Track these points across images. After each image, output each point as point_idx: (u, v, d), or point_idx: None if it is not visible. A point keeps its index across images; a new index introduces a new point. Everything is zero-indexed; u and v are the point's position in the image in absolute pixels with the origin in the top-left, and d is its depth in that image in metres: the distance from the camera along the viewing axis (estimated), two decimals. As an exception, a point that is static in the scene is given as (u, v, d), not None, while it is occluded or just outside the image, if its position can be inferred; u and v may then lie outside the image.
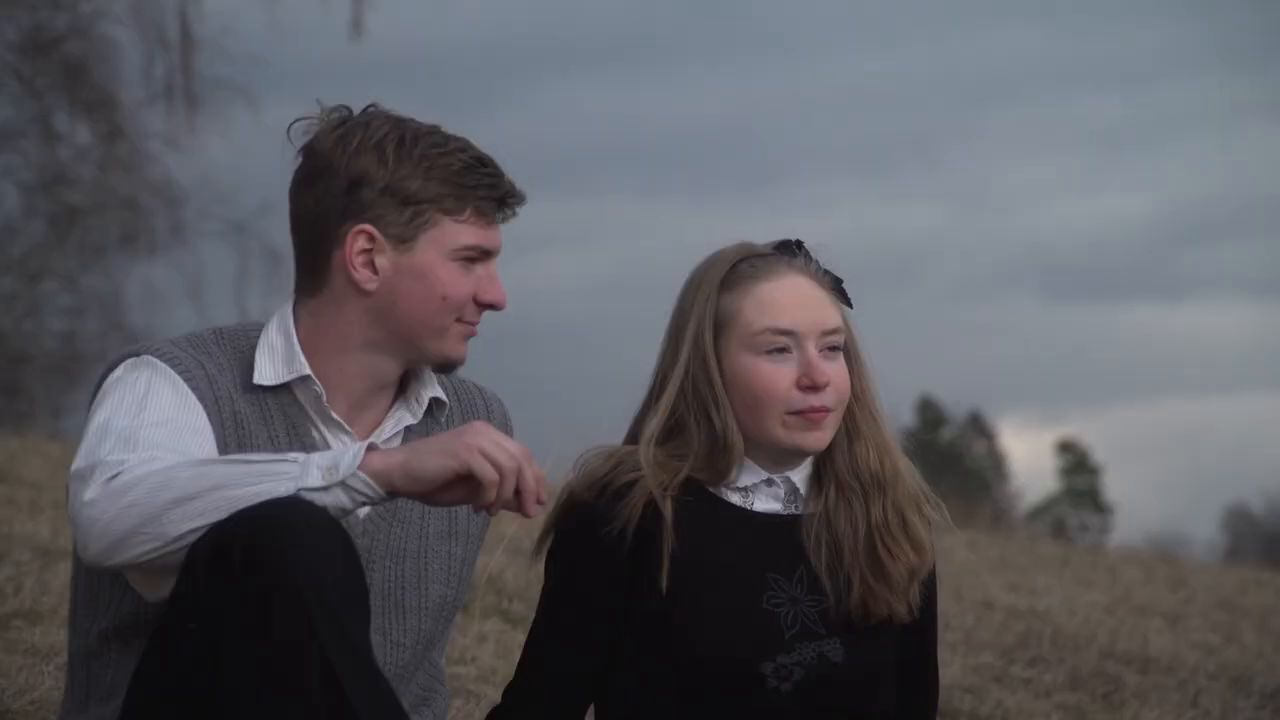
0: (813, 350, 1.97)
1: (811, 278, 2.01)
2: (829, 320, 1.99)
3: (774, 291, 1.99)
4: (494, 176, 1.94)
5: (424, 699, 2.02)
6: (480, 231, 1.93)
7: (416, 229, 1.91)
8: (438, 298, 1.92)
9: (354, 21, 12.81)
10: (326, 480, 1.73)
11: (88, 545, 1.72)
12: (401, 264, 1.91)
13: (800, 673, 1.94)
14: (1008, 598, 4.96)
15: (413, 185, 1.90)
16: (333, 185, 1.91)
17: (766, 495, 2.00)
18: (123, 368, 1.88)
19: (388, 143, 1.90)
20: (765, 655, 1.94)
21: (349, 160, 1.91)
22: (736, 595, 1.95)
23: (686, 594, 1.94)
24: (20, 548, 3.94)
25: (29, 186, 13.19)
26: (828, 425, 1.97)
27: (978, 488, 26.02)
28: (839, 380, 1.98)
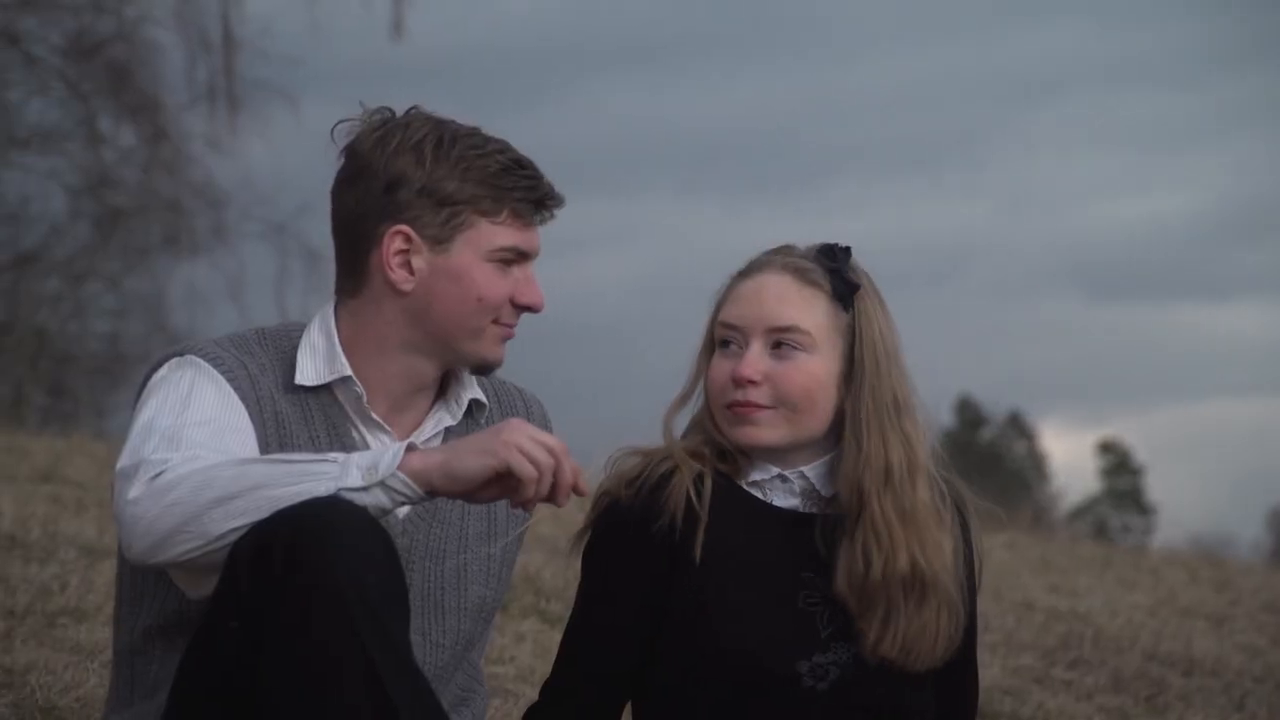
0: (755, 346, 1.96)
1: (793, 276, 1.98)
2: (780, 318, 1.96)
3: (741, 288, 1.99)
4: (532, 178, 1.94)
5: (463, 699, 2.03)
6: (517, 233, 1.93)
7: (453, 230, 1.91)
8: (473, 299, 1.92)
9: (394, 22, 12.88)
10: (366, 480, 1.74)
11: (131, 543, 1.74)
12: (438, 265, 1.92)
13: (836, 672, 1.93)
14: (1049, 599, 4.93)
15: (449, 186, 1.90)
16: (372, 186, 1.92)
17: (783, 491, 1.99)
18: (166, 367, 1.89)
19: (426, 144, 1.91)
20: (801, 654, 1.93)
21: (388, 161, 1.92)
22: (773, 593, 1.95)
23: (722, 589, 1.94)
24: (66, 546, 3.99)
25: (74, 189, 13.34)
26: (763, 421, 1.95)
27: (1018, 488, 25.85)
28: (779, 378, 1.94)
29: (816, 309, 1.97)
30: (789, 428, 1.96)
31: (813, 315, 1.97)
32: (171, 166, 13.30)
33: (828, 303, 1.98)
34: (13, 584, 3.50)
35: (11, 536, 4.05)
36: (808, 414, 1.96)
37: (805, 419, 1.96)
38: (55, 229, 13.35)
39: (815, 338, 1.96)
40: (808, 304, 1.97)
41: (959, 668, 2.02)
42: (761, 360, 1.95)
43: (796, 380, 1.95)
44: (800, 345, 1.96)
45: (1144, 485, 32.65)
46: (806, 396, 1.96)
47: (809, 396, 1.96)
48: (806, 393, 1.95)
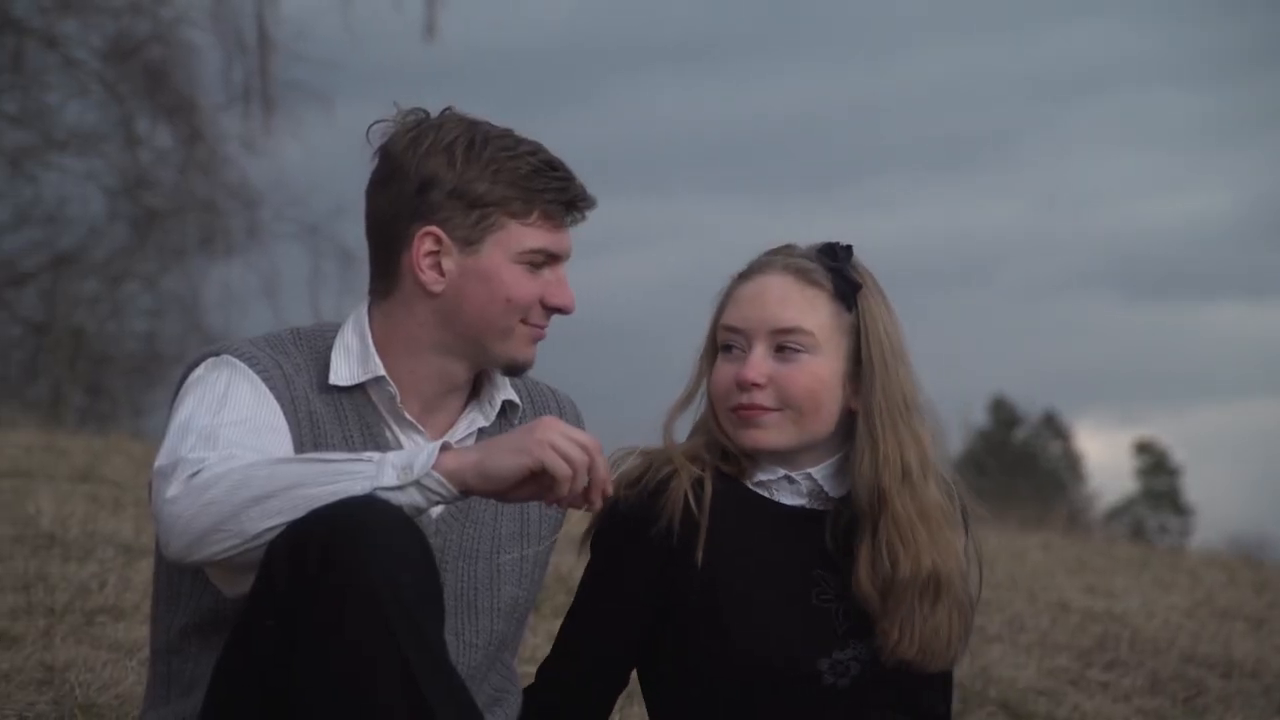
0: (758, 349, 1.95)
1: (795, 276, 1.97)
2: (782, 320, 1.95)
3: (742, 290, 1.99)
4: (563, 180, 1.94)
5: (496, 699, 2.03)
6: (547, 235, 1.93)
7: (483, 231, 1.92)
8: (502, 300, 1.92)
9: (427, 24, 12.93)
10: (401, 479, 1.74)
11: (169, 542, 1.75)
12: (467, 266, 1.93)
13: (856, 668, 1.93)
14: (1084, 600, 4.90)
15: (480, 188, 1.91)
16: (404, 187, 1.93)
17: (790, 492, 1.99)
18: (203, 367, 1.90)
19: (458, 145, 1.92)
20: (821, 652, 1.92)
21: (419, 162, 1.92)
22: (785, 591, 1.94)
23: (732, 590, 1.93)
24: (104, 545, 4.02)
25: (112, 190, 13.44)
26: (769, 424, 1.94)
27: (1053, 489, 25.69)
28: (783, 380, 1.94)
29: (819, 309, 1.96)
30: (795, 430, 1.95)
31: (815, 316, 1.96)
32: (207, 167, 13.39)
33: (830, 302, 1.97)
34: (52, 582, 3.53)
35: (51, 535, 4.09)
36: (813, 415, 1.95)
37: (811, 421, 1.95)
38: (93, 230, 13.46)
39: (818, 338, 1.95)
40: (810, 304, 1.96)
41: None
42: (765, 363, 1.95)
43: (801, 382, 1.94)
44: (804, 346, 1.95)
45: (1181, 486, 32.39)
46: (811, 398, 1.95)
47: (814, 398, 1.95)
48: (811, 394, 1.95)
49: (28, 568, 3.66)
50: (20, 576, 3.56)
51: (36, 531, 4.12)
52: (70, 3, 12.96)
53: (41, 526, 4.17)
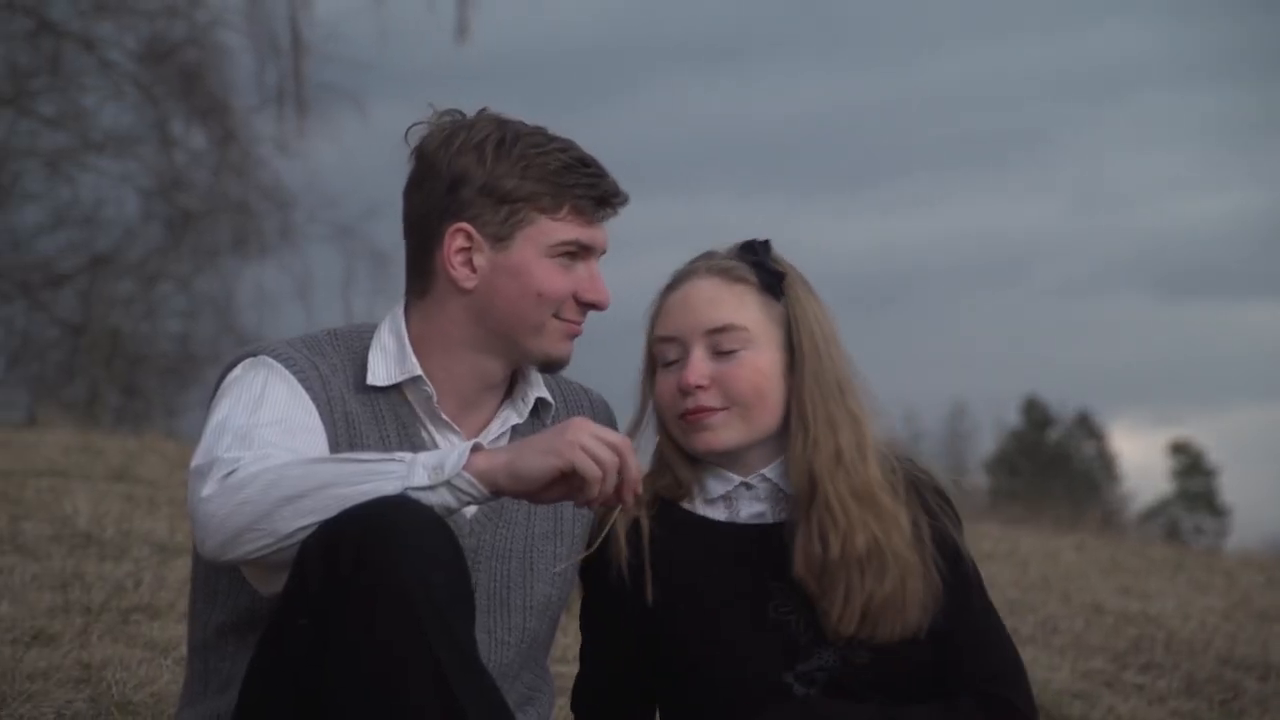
0: (696, 351, 1.96)
1: (719, 277, 1.98)
2: (715, 319, 1.96)
3: (670, 300, 2.00)
4: (594, 176, 1.94)
5: (529, 698, 2.04)
6: (578, 229, 1.94)
7: (513, 227, 1.92)
8: (533, 294, 1.93)
9: (459, 25, 12.96)
10: (432, 480, 1.75)
11: (204, 540, 1.76)
12: (498, 262, 1.93)
13: (824, 676, 1.93)
14: (1119, 601, 4.86)
15: (509, 184, 1.92)
16: (436, 186, 1.94)
17: (749, 499, 2.00)
18: (241, 367, 1.91)
19: (488, 143, 1.93)
20: (784, 666, 1.93)
21: (450, 160, 1.93)
22: (742, 611, 1.95)
23: (690, 620, 1.95)
24: (139, 544, 4.05)
25: (147, 191, 13.54)
26: (718, 425, 1.95)
27: (1086, 489, 25.53)
28: (726, 378, 1.95)
29: (749, 303, 1.98)
30: (744, 426, 1.96)
31: (746, 310, 1.97)
32: (241, 169, 13.47)
33: (758, 295, 1.98)
34: (89, 581, 3.56)
35: (87, 534, 4.12)
36: (760, 410, 1.96)
37: (758, 415, 1.96)
38: (129, 231, 13.57)
39: (753, 332, 1.97)
40: (739, 300, 1.98)
41: (961, 650, 1.96)
42: (705, 364, 1.96)
43: (743, 377, 1.96)
44: (740, 343, 1.96)
45: (1217, 487, 32.12)
46: (755, 392, 1.96)
47: (758, 392, 1.96)
48: (755, 388, 1.96)
49: (65, 566, 3.69)
50: (58, 575, 3.59)
51: (73, 531, 4.16)
52: (106, 5, 13.06)
53: (78, 526, 4.21)
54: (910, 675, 1.95)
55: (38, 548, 3.92)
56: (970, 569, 1.99)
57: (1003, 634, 2.01)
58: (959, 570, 1.98)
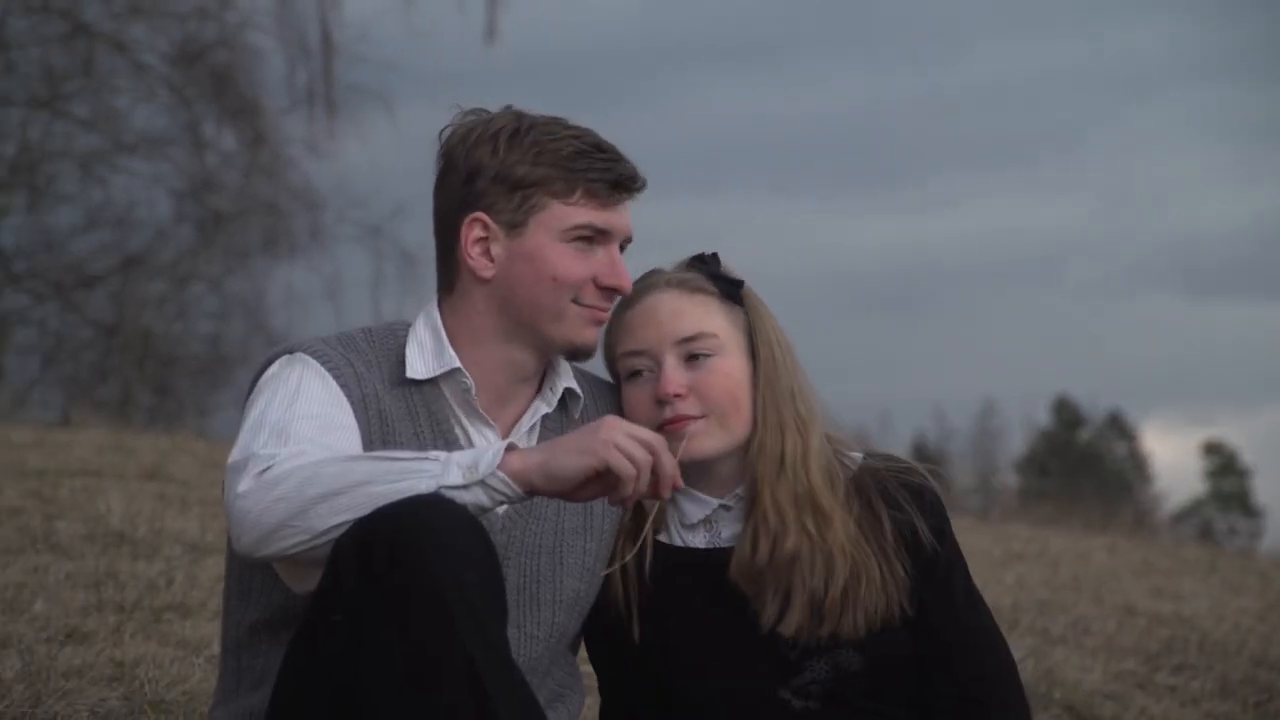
0: (669, 361, 1.98)
1: (678, 289, 2.01)
2: (684, 329, 1.98)
3: (630, 317, 2.02)
4: (608, 159, 1.94)
5: (559, 695, 2.04)
6: (591, 212, 1.94)
7: (526, 213, 1.93)
8: (548, 278, 1.93)
9: (488, 26, 12.99)
10: (466, 479, 1.75)
11: (239, 536, 1.77)
12: (514, 249, 1.94)
13: (819, 688, 1.94)
14: (1151, 603, 4.83)
15: (520, 170, 1.92)
16: (454, 180, 1.96)
17: (729, 520, 2.02)
18: (277, 364, 1.93)
19: (502, 134, 1.94)
20: (778, 681, 1.94)
21: (467, 154, 1.95)
22: (727, 635, 1.96)
23: (677, 651, 1.97)
24: (171, 543, 4.07)
25: (179, 193, 13.63)
26: (697, 432, 1.97)
27: (1118, 490, 25.36)
28: (701, 386, 1.97)
29: (713, 312, 2.01)
30: (722, 433, 1.98)
31: (712, 318, 2.00)
32: (271, 170, 13.55)
33: (720, 304, 2.01)
34: (122, 579, 3.58)
35: (120, 533, 4.15)
36: (735, 415, 1.99)
37: (734, 421, 1.99)
38: (160, 232, 13.66)
39: (722, 339, 1.99)
40: (704, 309, 2.00)
41: (944, 639, 1.96)
42: (680, 373, 1.98)
43: (718, 384, 1.98)
44: (712, 349, 1.99)
45: (1251, 487, 31.86)
46: (730, 398, 1.98)
47: (732, 397, 1.98)
48: (729, 394, 1.98)
49: (98, 565, 3.72)
50: (91, 574, 3.62)
51: (106, 530, 4.19)
52: (139, 8, 13.15)
53: (111, 525, 4.23)
54: (902, 676, 1.96)
55: (71, 547, 3.95)
56: (947, 559, 1.99)
57: (990, 629, 2.01)
58: (928, 561, 1.98)
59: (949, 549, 2.00)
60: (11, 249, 13.37)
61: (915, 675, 1.97)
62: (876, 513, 1.98)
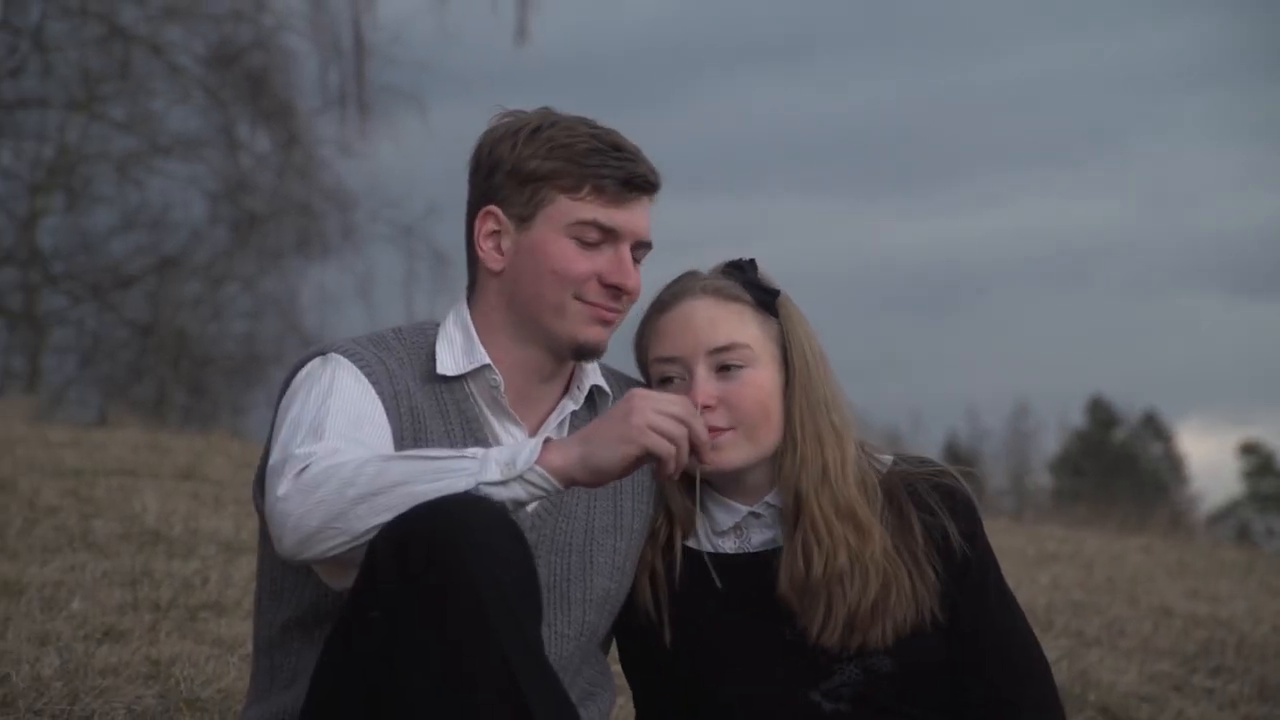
0: (701, 371, 1.97)
1: (714, 296, 1.99)
2: (718, 338, 1.97)
3: (665, 322, 2.00)
4: (621, 159, 1.93)
5: (590, 694, 2.04)
6: (597, 209, 1.93)
7: (535, 207, 1.93)
8: (549, 272, 1.93)
9: (519, 26, 13.02)
10: (505, 475, 1.76)
11: (281, 539, 1.77)
12: (521, 242, 1.94)
13: (850, 691, 1.94)
14: (1187, 604, 4.79)
15: (532, 164, 1.93)
16: (478, 176, 1.97)
17: (759, 527, 2.01)
18: (310, 365, 1.93)
19: (524, 130, 1.95)
20: (808, 684, 1.94)
21: (490, 150, 1.96)
22: (757, 639, 1.96)
23: (706, 656, 1.97)
24: (206, 543, 4.10)
25: (214, 194, 13.72)
26: (725, 444, 1.96)
27: (1153, 491, 25.17)
28: (732, 398, 1.96)
29: (748, 322, 1.99)
30: (750, 446, 1.98)
31: (746, 328, 1.99)
32: (304, 171, 13.63)
33: (755, 314, 2.00)
34: (157, 578, 3.61)
35: (156, 532, 4.18)
36: (765, 428, 1.98)
37: (764, 433, 1.98)
38: (196, 233, 13.76)
39: (755, 350, 1.98)
40: (738, 318, 1.99)
41: (973, 670, 1.96)
42: (711, 384, 1.97)
43: (749, 396, 1.97)
44: (744, 360, 1.97)
45: (1289, 488, 31.52)
46: (761, 410, 1.97)
47: (763, 410, 1.97)
48: (760, 406, 1.97)
49: (134, 564, 3.74)
50: (127, 573, 3.65)
51: (142, 529, 4.22)
52: (175, 10, 13.25)
53: (147, 524, 4.27)
54: (934, 681, 1.95)
55: (108, 545, 3.98)
56: (979, 562, 1.99)
57: (1024, 631, 2.00)
58: (960, 565, 1.97)
59: (981, 551, 1.99)
60: (50, 250, 13.50)
61: (947, 680, 1.96)
62: (907, 517, 1.97)
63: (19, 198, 13.24)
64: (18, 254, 13.21)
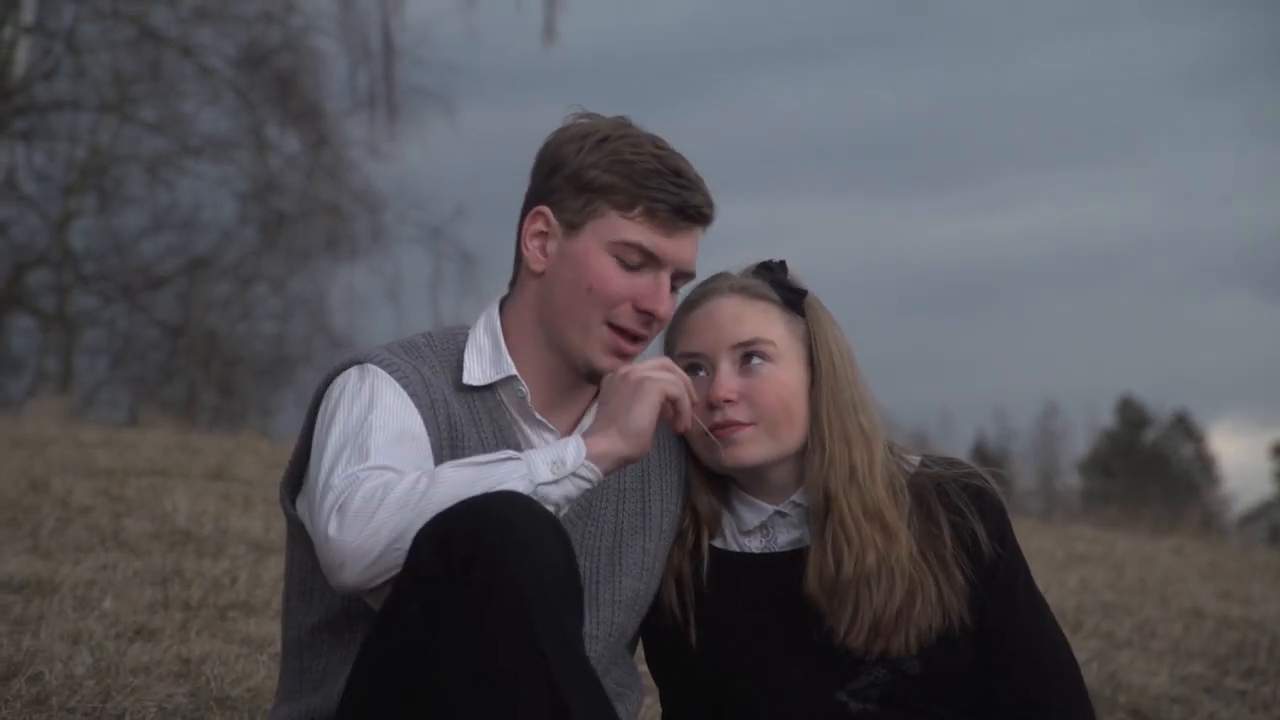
0: (724, 366, 1.97)
1: (741, 294, 2.00)
2: (742, 334, 1.97)
3: (691, 319, 2.01)
4: (679, 185, 1.92)
5: (618, 694, 2.04)
6: (645, 232, 1.92)
7: (585, 216, 1.93)
8: (584, 287, 1.92)
9: (546, 27, 13.05)
10: (556, 474, 1.78)
11: (341, 571, 1.74)
12: (565, 250, 1.94)
13: (877, 691, 1.93)
14: (1219, 606, 4.75)
15: (591, 173, 1.92)
16: (539, 173, 1.97)
17: (784, 526, 2.01)
18: (345, 378, 1.91)
19: (592, 137, 1.94)
20: (835, 685, 1.94)
21: (555, 149, 1.96)
22: (784, 638, 1.96)
23: (734, 655, 1.97)
24: (235, 542, 4.12)
25: (243, 195, 13.79)
26: (745, 440, 1.96)
27: (1185, 491, 24.99)
28: (753, 393, 1.96)
29: (773, 319, 2.00)
30: (771, 442, 1.98)
31: (772, 326, 1.99)
32: (333, 172, 13.69)
33: (782, 312, 2.01)
34: (188, 577, 3.63)
35: (186, 532, 4.21)
36: (786, 425, 1.98)
37: (785, 431, 1.98)
38: (225, 234, 13.83)
39: (780, 347, 1.99)
40: (764, 316, 1.99)
41: (1002, 672, 1.95)
42: (733, 379, 1.97)
43: (771, 392, 1.97)
44: (768, 356, 1.98)
45: (1322, 489, 31.24)
46: (783, 407, 1.97)
47: (785, 407, 1.97)
48: (782, 403, 1.97)
49: (165, 563, 3.77)
50: (158, 572, 3.67)
51: (173, 528, 4.24)
52: (206, 12, 13.33)
53: (177, 523, 4.29)
54: (962, 684, 1.94)
55: (139, 544, 4.01)
56: (1008, 563, 1.98)
57: (1053, 632, 2.00)
58: (989, 566, 1.96)
59: (1010, 553, 1.98)
60: (82, 251, 13.61)
61: (975, 682, 1.96)
62: (935, 518, 1.97)
63: (52, 199, 13.35)
64: (51, 255, 13.31)
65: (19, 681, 2.66)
